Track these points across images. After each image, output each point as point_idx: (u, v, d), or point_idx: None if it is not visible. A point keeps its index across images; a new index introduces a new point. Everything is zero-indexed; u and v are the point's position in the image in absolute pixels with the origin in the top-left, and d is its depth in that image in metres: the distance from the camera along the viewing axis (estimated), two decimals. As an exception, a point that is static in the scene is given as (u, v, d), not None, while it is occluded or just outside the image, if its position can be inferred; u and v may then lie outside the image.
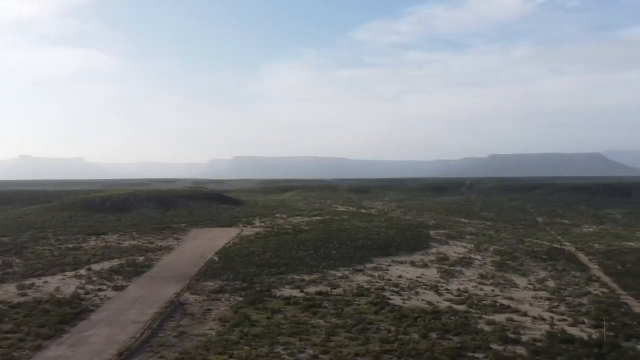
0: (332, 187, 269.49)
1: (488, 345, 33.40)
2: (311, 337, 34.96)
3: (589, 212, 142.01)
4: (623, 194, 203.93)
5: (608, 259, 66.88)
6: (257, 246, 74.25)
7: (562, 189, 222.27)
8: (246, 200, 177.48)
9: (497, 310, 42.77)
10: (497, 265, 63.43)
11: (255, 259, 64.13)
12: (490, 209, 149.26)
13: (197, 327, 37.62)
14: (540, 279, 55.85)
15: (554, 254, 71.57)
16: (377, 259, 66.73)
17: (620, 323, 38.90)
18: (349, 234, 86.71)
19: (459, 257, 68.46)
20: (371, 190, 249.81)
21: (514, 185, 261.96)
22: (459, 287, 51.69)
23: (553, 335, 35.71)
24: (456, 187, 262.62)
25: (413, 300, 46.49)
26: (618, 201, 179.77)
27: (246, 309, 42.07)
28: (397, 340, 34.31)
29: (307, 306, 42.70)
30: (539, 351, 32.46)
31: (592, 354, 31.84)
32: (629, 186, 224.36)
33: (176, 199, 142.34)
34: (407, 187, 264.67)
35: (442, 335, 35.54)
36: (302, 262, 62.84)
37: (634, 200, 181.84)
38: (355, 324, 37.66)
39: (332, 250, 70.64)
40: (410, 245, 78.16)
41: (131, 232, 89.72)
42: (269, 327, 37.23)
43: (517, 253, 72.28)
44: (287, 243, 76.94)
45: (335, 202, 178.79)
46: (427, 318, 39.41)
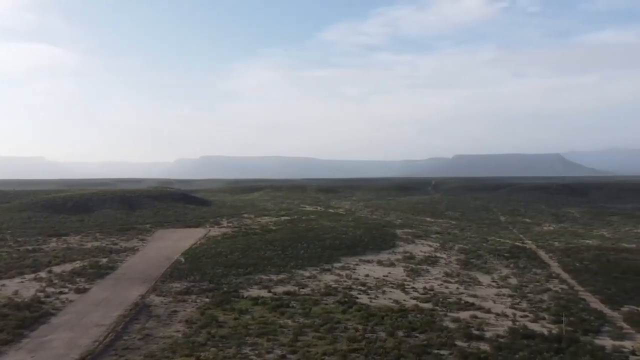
0: (300, 187, 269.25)
1: (453, 342, 34.08)
2: (279, 337, 34.92)
3: (549, 211, 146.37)
4: (581, 193, 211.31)
5: (567, 257, 69.09)
6: (225, 247, 73.61)
7: (524, 189, 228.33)
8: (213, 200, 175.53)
9: (462, 308, 43.65)
10: (462, 264, 64.71)
11: (222, 260, 63.55)
12: (455, 209, 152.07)
13: (163, 330, 37.04)
14: (503, 276, 57.27)
15: (516, 252, 73.48)
16: (344, 258, 67.12)
17: (579, 318, 40.27)
18: (317, 234, 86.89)
19: (425, 256, 69.53)
20: (339, 190, 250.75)
21: (478, 185, 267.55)
22: (425, 285, 52.51)
23: (515, 331, 36.70)
24: (422, 187, 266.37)
25: (380, 299, 46.98)
26: (576, 201, 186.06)
27: (213, 310, 41.68)
28: (365, 339, 34.62)
29: (275, 306, 42.62)
30: (502, 347, 33.31)
31: (552, 349, 32.87)
32: (587, 186, 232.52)
33: (141, 199, 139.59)
34: (375, 186, 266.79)
35: (408, 333, 36.05)
36: (270, 262, 62.63)
37: (591, 200, 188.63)
38: (323, 324, 37.81)
39: (300, 250, 70.66)
40: (377, 244, 78.89)
41: (94, 233, 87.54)
42: (236, 328, 36.99)
43: (481, 251, 73.90)
44: (254, 243, 76.56)
45: (303, 202, 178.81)
46: (394, 316, 39.90)
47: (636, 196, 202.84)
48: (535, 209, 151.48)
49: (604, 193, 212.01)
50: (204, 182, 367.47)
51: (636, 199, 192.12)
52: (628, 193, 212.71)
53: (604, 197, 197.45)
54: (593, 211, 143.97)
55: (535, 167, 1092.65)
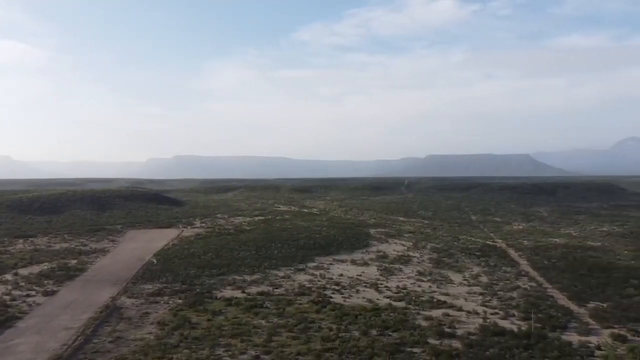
0: (274, 186, 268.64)
1: (425, 340, 34.52)
2: (253, 338, 34.79)
3: (519, 210, 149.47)
4: (549, 193, 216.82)
5: (536, 255, 70.70)
6: (198, 247, 72.97)
7: (494, 189, 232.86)
8: (186, 200, 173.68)
9: (434, 306, 44.22)
10: (434, 263, 65.55)
11: (195, 261, 62.99)
12: (428, 208, 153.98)
13: (134, 332, 36.48)
14: (474, 274, 58.24)
15: (487, 250, 74.82)
16: (318, 258, 67.25)
17: (547, 315, 41.24)
18: (291, 234, 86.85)
19: (398, 255, 70.19)
20: (313, 190, 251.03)
21: (450, 185, 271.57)
22: (398, 284, 53.01)
23: (486, 328, 37.38)
24: (395, 187, 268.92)
25: (354, 298, 47.22)
26: (545, 200, 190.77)
27: (186, 311, 41.26)
28: (339, 338, 34.78)
29: (248, 307, 42.43)
30: (473, 344, 33.89)
31: (521, 345, 33.60)
32: (555, 186, 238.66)
33: (112, 200, 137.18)
34: (348, 186, 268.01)
35: (382, 332, 36.35)
36: (243, 262, 62.33)
37: (558, 199, 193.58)
38: (297, 324, 37.82)
39: (274, 250, 70.51)
40: (351, 243, 79.29)
41: (63, 235, 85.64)
42: (209, 329, 36.70)
43: (452, 250, 74.97)
44: (228, 243, 76.09)
45: (277, 201, 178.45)
46: (367, 315, 40.18)
47: (601, 195, 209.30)
48: (505, 208, 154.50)
49: (570, 193, 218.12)
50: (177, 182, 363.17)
51: (601, 198, 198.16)
52: (593, 193, 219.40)
53: (571, 197, 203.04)
54: (560, 210, 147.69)
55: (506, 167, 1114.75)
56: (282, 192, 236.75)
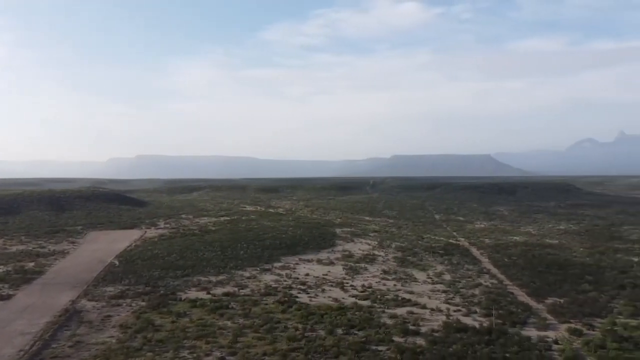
0: (240, 186, 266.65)
1: (390, 338, 34.98)
2: (218, 339, 34.49)
3: (481, 209, 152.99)
4: (509, 192, 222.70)
5: (497, 253, 72.58)
6: (162, 248, 71.81)
7: (457, 188, 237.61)
8: (150, 200, 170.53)
9: (399, 304, 44.84)
10: (399, 261, 66.42)
11: (159, 262, 61.98)
12: (393, 207, 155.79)
13: (95, 336, 35.61)
14: (437, 272, 59.30)
15: (450, 249, 76.31)
16: (285, 257, 67.18)
17: (507, 311, 42.41)
18: (257, 234, 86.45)
19: (364, 254, 70.79)
20: (280, 190, 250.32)
21: (415, 185, 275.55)
22: (363, 283, 53.48)
23: (449, 325, 38.15)
24: (361, 187, 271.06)
25: (320, 297, 47.39)
26: (505, 199, 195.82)
27: (149, 313, 40.56)
28: (304, 337, 34.87)
29: (214, 308, 42.05)
30: (437, 341, 34.56)
31: (483, 341, 34.47)
32: (515, 185, 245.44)
33: (72, 200, 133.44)
34: (315, 186, 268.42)
35: (347, 331, 36.63)
36: (209, 263, 61.70)
37: (518, 198, 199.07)
38: (263, 324, 37.71)
39: (240, 251, 70.06)
40: (317, 243, 79.49)
41: (20, 236, 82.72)
42: (174, 331, 36.18)
43: (417, 249, 76.12)
44: (193, 244, 75.15)
45: (243, 201, 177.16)
46: (333, 314, 40.41)
47: (558, 195, 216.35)
48: (467, 208, 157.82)
49: (529, 192, 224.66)
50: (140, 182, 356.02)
51: (558, 197, 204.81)
52: (551, 192, 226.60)
53: (530, 196, 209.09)
54: (520, 209, 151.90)
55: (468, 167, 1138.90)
56: (248, 192, 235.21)
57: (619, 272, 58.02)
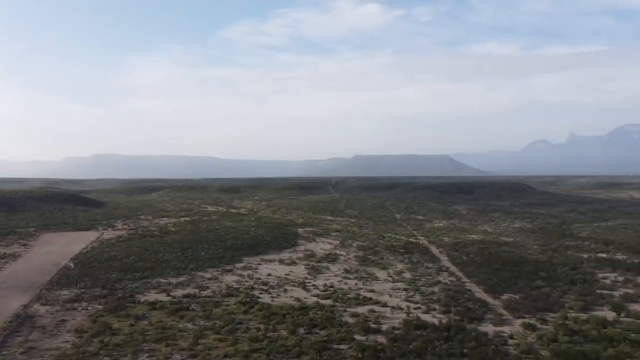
0: (201, 186, 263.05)
1: (352, 337, 35.29)
2: (178, 342, 33.96)
3: (440, 208, 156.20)
4: (467, 192, 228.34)
5: (455, 251, 74.28)
6: (119, 250, 70.18)
7: (417, 188, 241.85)
8: (107, 201, 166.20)
9: (360, 303, 45.29)
10: (360, 260, 67.06)
11: (117, 264, 60.54)
12: (354, 207, 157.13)
13: (49, 341, 34.43)
14: (398, 271, 60.20)
15: (410, 247, 77.57)
16: (246, 258, 66.78)
17: (465, 308, 43.49)
18: (219, 234, 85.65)
19: (326, 254, 71.13)
20: (241, 190, 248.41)
21: (376, 184, 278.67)
22: (325, 282, 53.74)
23: (409, 322, 38.80)
24: (323, 186, 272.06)
25: (282, 297, 47.34)
26: (463, 198, 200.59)
27: (107, 317, 39.52)
28: (267, 338, 34.77)
29: (174, 310, 41.36)
30: (397, 338, 35.10)
31: (442, 338, 35.22)
32: (472, 185, 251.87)
33: (24, 201, 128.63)
34: (277, 186, 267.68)
35: (309, 330, 36.73)
36: (168, 264, 60.69)
37: (475, 198, 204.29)
38: (225, 325, 37.38)
39: (200, 252, 69.20)
40: (279, 243, 79.37)
41: (-34, 239, 79.07)
42: (132, 334, 35.39)
43: (378, 248, 77.03)
44: (152, 245, 73.78)
45: (204, 202, 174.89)
46: (295, 314, 40.44)
47: (513, 194, 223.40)
48: (427, 207, 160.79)
49: (486, 191, 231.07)
50: (96, 182, 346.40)
51: (513, 196, 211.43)
52: (507, 191, 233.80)
53: (487, 195, 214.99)
54: (477, 208, 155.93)
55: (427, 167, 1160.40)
56: (209, 192, 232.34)
57: (570, 269, 60.42)
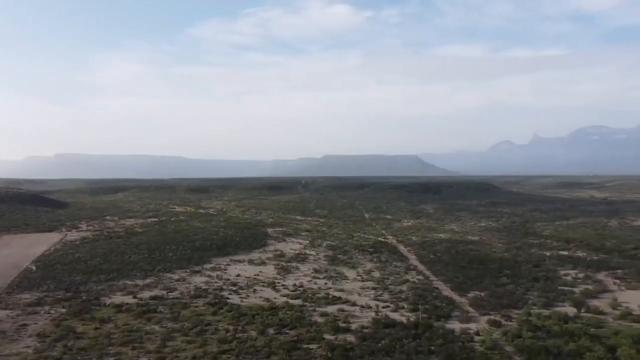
0: (169, 187, 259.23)
1: (321, 336, 35.42)
2: (145, 344, 33.40)
3: (408, 208, 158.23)
4: (434, 191, 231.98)
5: (423, 250, 75.38)
6: (84, 252, 68.61)
7: (385, 188, 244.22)
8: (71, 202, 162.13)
9: (330, 302, 45.49)
10: (330, 260, 67.34)
11: (81, 266, 59.16)
12: (324, 207, 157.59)
13: (9, 346, 33.35)
14: (367, 270, 60.72)
15: (379, 246, 78.33)
16: (215, 259, 66.23)
17: (433, 306, 44.20)
18: (187, 235, 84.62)
19: (295, 254, 71.14)
20: (210, 190, 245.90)
21: (345, 184, 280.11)
22: (295, 282, 53.77)
23: (378, 321, 39.21)
24: (293, 186, 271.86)
25: (251, 298, 47.13)
26: (431, 198, 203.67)
27: (70, 320, 38.55)
28: (236, 339, 34.55)
29: (140, 312, 40.68)
30: (366, 337, 35.42)
31: (410, 335, 35.73)
32: (440, 185, 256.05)
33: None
34: (246, 186, 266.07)
35: (279, 330, 36.69)
36: (135, 266, 59.65)
37: (442, 197, 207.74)
38: (193, 327, 36.98)
39: (168, 253, 68.26)
40: (248, 243, 78.97)
41: None
42: (97, 338, 34.62)
43: (347, 247, 77.49)
44: (118, 247, 72.38)
45: (172, 202, 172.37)
46: (264, 314, 40.32)
47: (479, 194, 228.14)
48: (395, 206, 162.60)
49: (453, 191, 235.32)
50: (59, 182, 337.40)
51: (479, 196, 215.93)
52: (473, 191, 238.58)
53: (454, 195, 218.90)
54: (444, 208, 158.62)
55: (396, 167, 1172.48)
56: (177, 193, 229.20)
57: (533, 266, 62.16)
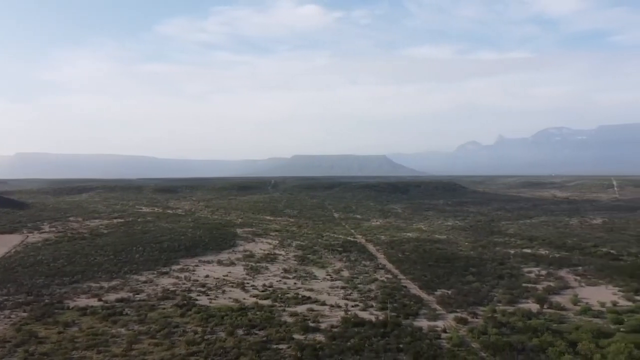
0: (136, 187, 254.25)
1: (291, 336, 35.42)
2: (111, 348, 32.74)
3: (377, 207, 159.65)
4: (403, 191, 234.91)
5: (391, 249, 76.24)
6: (46, 254, 66.82)
7: (355, 188, 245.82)
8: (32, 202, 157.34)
9: (299, 302, 45.54)
10: (299, 260, 67.40)
11: (43, 269, 57.59)
12: (294, 207, 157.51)
13: (-33, 353, 32.19)
14: (336, 269, 61.02)
15: (348, 246, 78.84)
16: (183, 260, 65.46)
17: (401, 304, 44.77)
18: (154, 236, 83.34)
19: (265, 254, 70.92)
20: (178, 190, 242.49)
21: (315, 184, 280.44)
22: (264, 282, 53.60)
23: (347, 320, 39.45)
24: (262, 186, 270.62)
25: (220, 299, 46.77)
26: (399, 198, 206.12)
27: (32, 325, 37.48)
28: (204, 340, 34.23)
29: (106, 315, 39.87)
30: (336, 336, 35.61)
31: (379, 334, 36.12)
32: (408, 185, 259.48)
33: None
34: (215, 186, 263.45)
35: (248, 331, 36.53)
36: (100, 268, 58.45)
37: (411, 197, 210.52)
38: (160, 329, 36.43)
39: (135, 254, 67.09)
40: (217, 244, 78.32)
41: None
42: (60, 342, 33.74)
43: (317, 247, 77.71)
44: (82, 248, 70.78)
45: (139, 203, 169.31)
46: (233, 315, 40.07)
47: (446, 193, 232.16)
48: (364, 206, 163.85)
49: (421, 191, 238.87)
50: (20, 182, 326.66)
51: (446, 195, 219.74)
52: (440, 191, 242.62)
53: (422, 195, 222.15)
54: (413, 207, 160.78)
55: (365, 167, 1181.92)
56: (144, 193, 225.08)
57: (498, 264, 63.67)
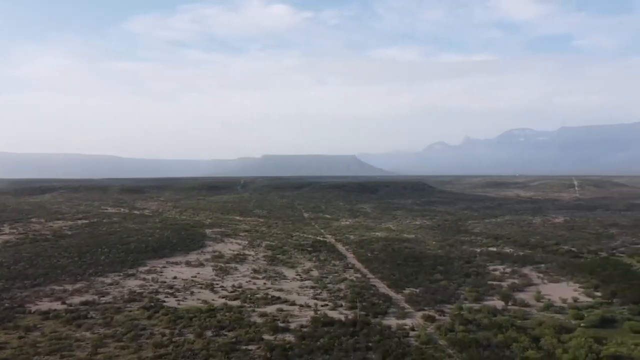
0: (101, 187, 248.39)
1: (261, 337, 35.35)
2: (75, 352, 32.00)
3: (346, 207, 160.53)
4: (372, 191, 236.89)
5: (360, 248, 76.82)
6: (7, 256, 64.85)
7: (324, 187, 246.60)
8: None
9: (269, 302, 45.45)
10: (269, 260, 67.21)
11: (3, 272, 55.95)
12: (263, 207, 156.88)
13: None
14: (306, 269, 61.12)
15: (318, 246, 79.06)
16: (151, 261, 64.44)
17: (370, 303, 45.20)
18: (120, 237, 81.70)
19: (234, 254, 70.44)
20: (145, 190, 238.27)
21: (285, 184, 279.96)
22: (233, 283, 53.27)
23: (317, 320, 39.61)
24: (231, 186, 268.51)
25: (188, 300, 46.27)
26: (368, 197, 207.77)
27: (-8, 330, 36.25)
28: (172, 342, 33.80)
29: (70, 319, 38.91)
30: (305, 336, 35.70)
31: (348, 333, 36.40)
32: (377, 184, 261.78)
33: None
34: (184, 186, 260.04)
35: (217, 332, 36.27)
36: (64, 270, 56.99)
37: (379, 197, 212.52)
38: (127, 332, 35.80)
39: (100, 256, 65.65)
40: (185, 245, 77.38)
41: None
42: (21, 347, 32.79)
43: (286, 247, 77.63)
44: (45, 251, 68.81)
45: (104, 203, 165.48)
46: (202, 317, 39.71)
47: (414, 193, 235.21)
48: (334, 206, 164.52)
49: (390, 190, 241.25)
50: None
51: (414, 195, 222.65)
52: (408, 190, 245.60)
53: (390, 194, 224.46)
54: (382, 206, 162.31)
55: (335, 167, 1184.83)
56: (110, 193, 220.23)
57: (465, 262, 64.95)
